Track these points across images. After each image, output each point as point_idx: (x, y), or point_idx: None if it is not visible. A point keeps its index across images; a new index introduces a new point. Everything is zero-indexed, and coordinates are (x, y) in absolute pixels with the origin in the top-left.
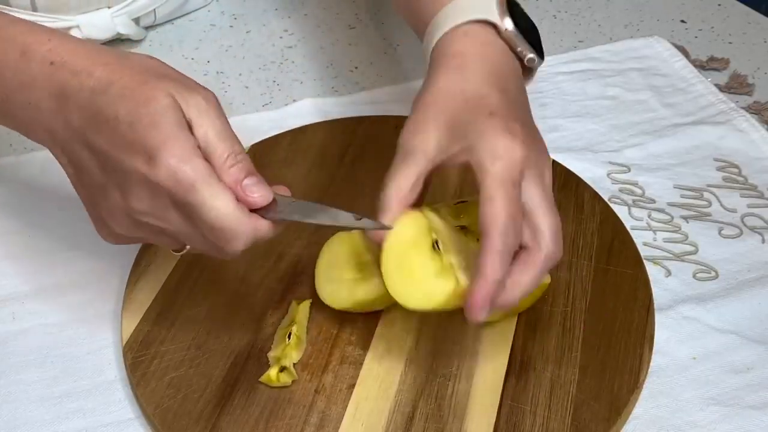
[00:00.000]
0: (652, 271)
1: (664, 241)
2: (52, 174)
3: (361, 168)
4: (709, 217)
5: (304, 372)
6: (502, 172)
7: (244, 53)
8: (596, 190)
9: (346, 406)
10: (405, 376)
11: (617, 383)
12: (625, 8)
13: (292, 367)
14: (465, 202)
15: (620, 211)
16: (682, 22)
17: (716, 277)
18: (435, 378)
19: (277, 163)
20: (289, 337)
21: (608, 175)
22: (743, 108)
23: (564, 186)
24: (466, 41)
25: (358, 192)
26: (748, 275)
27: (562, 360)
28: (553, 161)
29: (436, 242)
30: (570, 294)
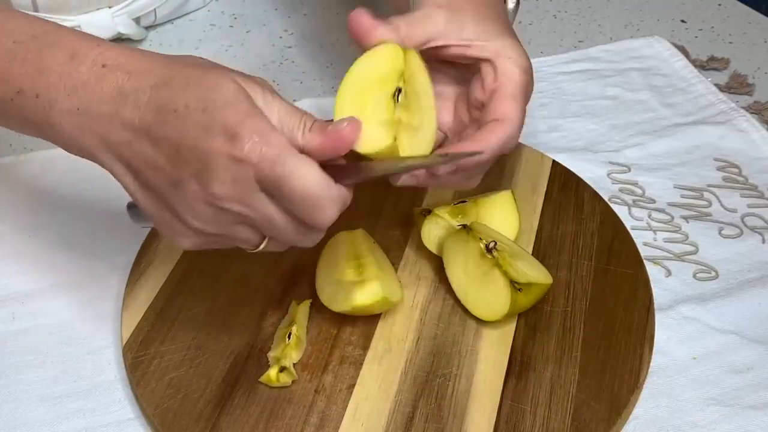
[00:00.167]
0: (653, 271)
1: (665, 241)
2: (52, 174)
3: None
4: (710, 217)
5: (304, 372)
6: (524, 78)
7: (244, 53)
8: (596, 190)
9: (346, 406)
10: (405, 376)
11: (617, 383)
12: (625, 8)
13: (292, 367)
14: (464, 202)
15: (620, 211)
16: (682, 22)
17: (716, 277)
18: (435, 378)
19: None
20: (289, 337)
21: (608, 175)
22: (743, 108)
23: (564, 186)
24: None
25: (358, 192)
26: (749, 275)
27: (562, 360)
28: (553, 161)
29: (399, 91)
30: (570, 294)
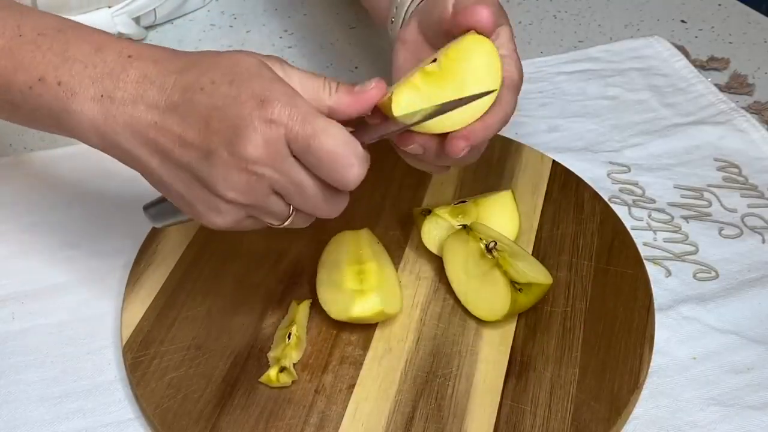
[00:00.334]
0: (653, 271)
1: (665, 241)
2: (53, 174)
3: None
4: (710, 217)
5: (304, 372)
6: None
7: None
8: (596, 190)
9: (346, 406)
10: (405, 376)
11: (617, 383)
12: (625, 8)
13: (292, 368)
14: (464, 202)
15: (620, 211)
16: (682, 22)
17: (716, 277)
18: (435, 378)
19: None
20: (289, 337)
21: (608, 175)
22: (743, 108)
23: (564, 186)
24: None
25: (358, 192)
26: (749, 275)
27: (562, 360)
28: (553, 161)
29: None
30: (570, 294)
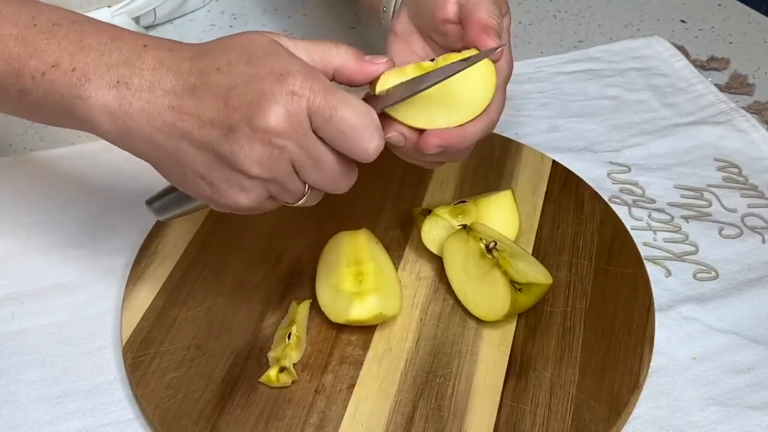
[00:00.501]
0: (653, 271)
1: (665, 241)
2: (53, 174)
3: (360, 166)
4: (710, 217)
5: (304, 372)
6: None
7: None
8: (596, 190)
9: (346, 406)
10: (405, 376)
11: (617, 383)
12: (625, 8)
13: (291, 368)
14: (464, 202)
15: (620, 211)
16: (682, 22)
17: (716, 277)
18: (435, 378)
19: None
20: (289, 337)
21: (608, 175)
22: (743, 108)
23: (564, 186)
24: None
25: (357, 192)
26: (749, 275)
27: (562, 360)
28: (553, 161)
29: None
30: (570, 294)
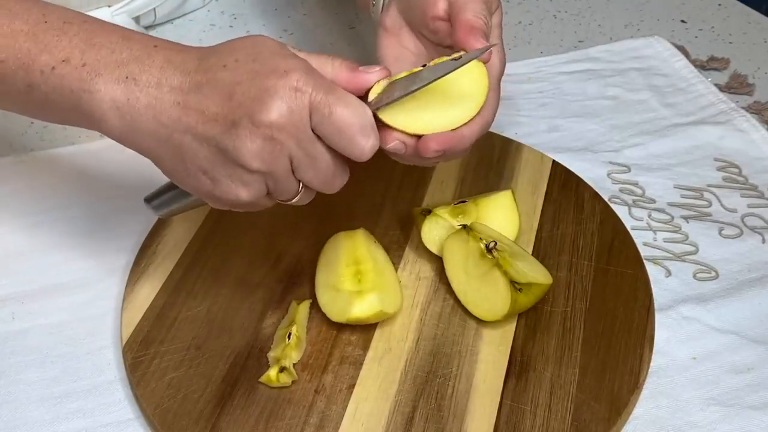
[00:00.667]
0: (653, 271)
1: (665, 241)
2: (53, 173)
3: (359, 166)
4: (710, 217)
5: (304, 372)
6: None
7: None
8: (596, 190)
9: (346, 406)
10: (405, 376)
11: (617, 383)
12: (625, 8)
13: (291, 368)
14: (464, 202)
15: (620, 211)
16: (682, 22)
17: (716, 277)
18: (435, 378)
19: None
20: (289, 337)
21: (608, 175)
22: (743, 108)
23: (564, 186)
24: None
25: (357, 192)
26: (749, 275)
27: (562, 360)
28: (553, 161)
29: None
30: (570, 294)
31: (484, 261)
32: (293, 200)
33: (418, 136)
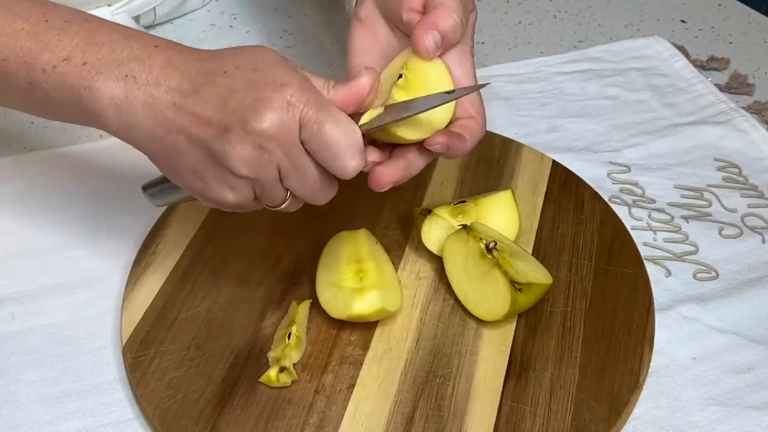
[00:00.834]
0: (653, 271)
1: (665, 241)
2: (53, 174)
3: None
4: (710, 217)
5: (304, 372)
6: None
7: None
8: (596, 190)
9: (346, 406)
10: (405, 376)
11: (617, 383)
12: (625, 8)
13: (291, 368)
14: (464, 202)
15: (620, 211)
16: (682, 22)
17: (716, 277)
18: (435, 378)
19: None
20: (289, 337)
21: (608, 175)
22: (743, 108)
23: (564, 186)
24: None
25: (358, 192)
26: (749, 275)
27: (562, 360)
28: (553, 161)
29: (400, 76)
30: (570, 294)
31: (484, 261)
32: (281, 207)
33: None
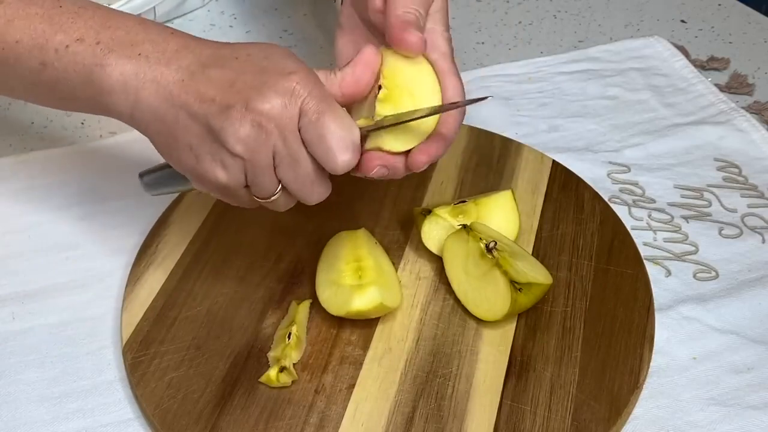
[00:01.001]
0: (653, 271)
1: (665, 241)
2: (52, 174)
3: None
4: (710, 217)
5: (304, 372)
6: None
7: None
8: (596, 190)
9: (346, 406)
10: (405, 376)
11: (617, 383)
12: (625, 8)
13: (291, 368)
14: (464, 202)
15: (620, 211)
16: (682, 22)
17: (716, 277)
18: (435, 378)
19: None
20: (289, 337)
21: (608, 175)
22: (743, 108)
23: (564, 186)
24: None
25: (358, 192)
26: (749, 275)
27: (562, 360)
28: (553, 161)
29: (380, 88)
30: (570, 294)
31: (484, 261)
32: (270, 199)
33: (405, 153)
